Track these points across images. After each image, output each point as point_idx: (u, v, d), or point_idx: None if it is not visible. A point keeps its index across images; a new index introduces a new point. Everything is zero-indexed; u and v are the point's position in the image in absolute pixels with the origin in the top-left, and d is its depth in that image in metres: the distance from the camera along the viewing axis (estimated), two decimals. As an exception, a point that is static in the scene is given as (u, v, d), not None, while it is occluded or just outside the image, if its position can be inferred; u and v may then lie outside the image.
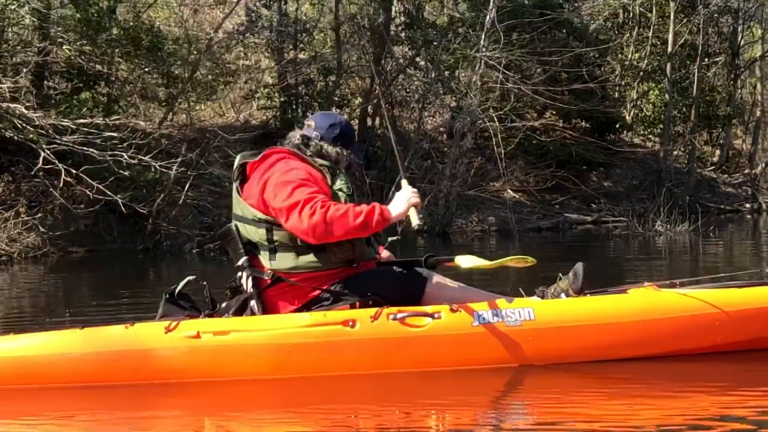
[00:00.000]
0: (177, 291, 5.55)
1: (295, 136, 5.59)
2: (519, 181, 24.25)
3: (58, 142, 14.05)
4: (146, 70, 16.85)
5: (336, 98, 24.15)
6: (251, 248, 5.40)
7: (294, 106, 24.15)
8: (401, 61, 24.03)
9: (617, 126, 26.13)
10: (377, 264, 5.63)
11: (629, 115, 27.54)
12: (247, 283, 5.41)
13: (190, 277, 5.63)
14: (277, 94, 24.37)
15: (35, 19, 15.32)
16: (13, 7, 14.50)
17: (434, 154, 22.55)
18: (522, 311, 5.31)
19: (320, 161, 5.48)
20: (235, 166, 5.53)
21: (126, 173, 14.74)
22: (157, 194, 15.83)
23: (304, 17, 24.69)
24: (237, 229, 5.40)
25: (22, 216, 15.73)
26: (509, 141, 22.35)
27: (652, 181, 25.03)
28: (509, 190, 23.68)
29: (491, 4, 19.36)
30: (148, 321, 5.41)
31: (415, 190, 5.42)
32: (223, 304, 5.44)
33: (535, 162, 24.01)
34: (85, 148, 14.10)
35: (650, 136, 28.15)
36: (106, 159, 14.25)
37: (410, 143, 22.13)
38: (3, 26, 15.57)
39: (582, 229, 21.94)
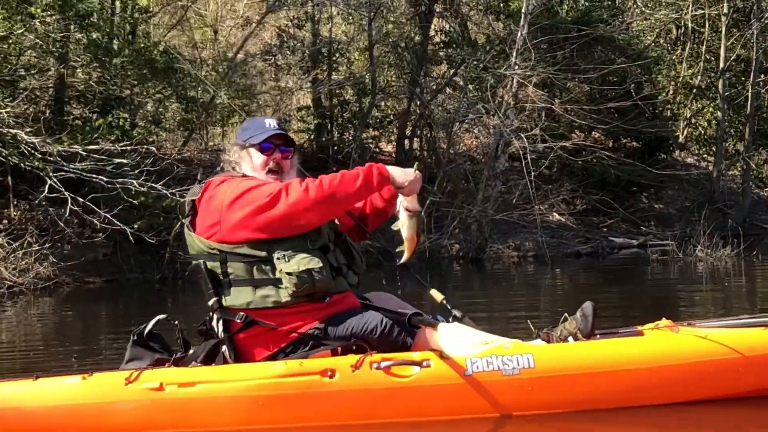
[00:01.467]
0: (146, 331, 5.25)
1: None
2: (565, 204, 23.79)
3: (66, 169, 13.85)
4: (165, 93, 16.65)
5: (372, 120, 23.90)
6: (218, 285, 5.08)
7: (329, 128, 23.96)
8: (439, 80, 23.71)
9: (669, 145, 25.56)
10: (361, 300, 5.29)
11: (682, 134, 27.00)
12: (217, 326, 5.08)
13: (161, 316, 5.32)
14: (311, 117, 24.11)
15: (41, 42, 15.19)
16: (20, 31, 14.36)
17: (469, 177, 22.17)
18: (521, 358, 4.93)
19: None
20: (186, 204, 5.22)
21: (137, 201, 14.53)
22: (174, 221, 15.58)
23: (338, 37, 24.49)
24: (204, 264, 5.07)
25: (34, 246, 15.57)
26: (551, 162, 21.93)
27: (702, 202, 24.47)
28: (555, 214, 23.24)
29: (522, 20, 18.97)
30: (110, 370, 5.11)
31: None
32: (191, 351, 5.12)
33: (581, 184, 23.54)
34: (93, 176, 13.90)
35: (705, 155, 27.60)
36: (115, 187, 14.03)
37: (442, 165, 21.78)
38: (8, 51, 15.47)
39: (626, 253, 21.42)
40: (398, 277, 5.42)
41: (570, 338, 5.21)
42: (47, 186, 14.20)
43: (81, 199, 14.44)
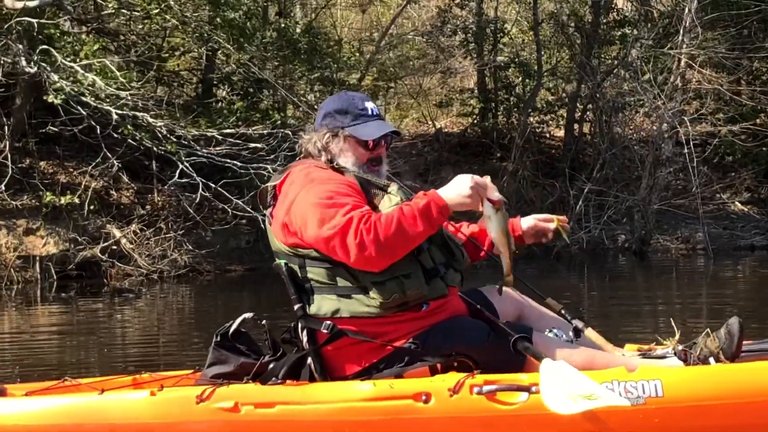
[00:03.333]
0: (231, 332, 4.83)
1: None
2: (747, 192, 22.56)
3: (199, 153, 13.70)
4: (309, 76, 16.36)
5: (539, 104, 23.25)
6: (301, 291, 4.64)
7: (494, 112, 23.39)
8: (610, 61, 22.83)
9: None
10: (468, 306, 4.78)
11: None
12: (301, 336, 4.64)
13: (247, 315, 4.89)
14: (474, 100, 23.63)
15: (178, 23, 15.08)
16: (155, 11, 14.27)
17: (637, 163, 21.26)
18: (647, 385, 4.32)
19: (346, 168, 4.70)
20: (267, 192, 4.79)
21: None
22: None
23: (502, 16, 23.93)
24: (286, 265, 4.62)
25: (172, 232, 15.55)
26: (729, 148, 20.87)
27: None
28: (737, 202, 22.08)
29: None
30: (184, 384, 4.74)
31: (484, 182, 4.46)
32: (271, 365, 4.68)
33: (763, 170, 22.29)
34: (226, 160, 13.73)
35: None
36: (249, 172, 13.83)
37: (603, 151, 20.92)
38: (149, 32, 15.42)
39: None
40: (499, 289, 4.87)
41: (711, 359, 4.58)
42: (178, 171, 14.11)
43: (213, 185, 14.31)
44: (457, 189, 4.39)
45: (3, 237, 15.75)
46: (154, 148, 13.96)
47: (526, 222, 5.02)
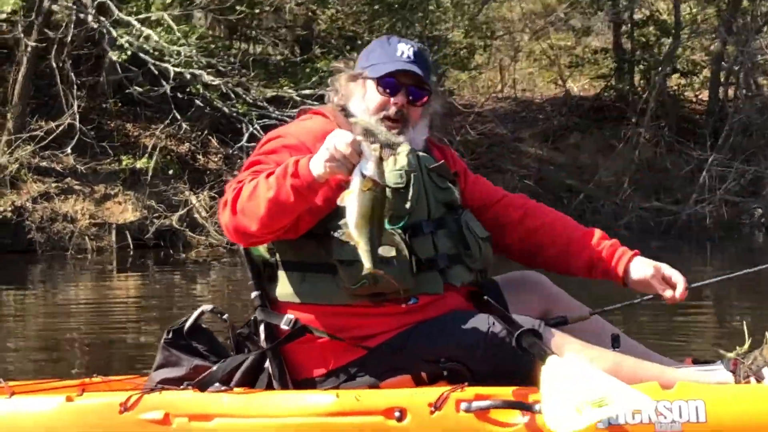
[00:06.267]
0: (186, 328, 4.11)
1: None
2: None
3: (273, 116, 13.03)
4: (399, 32, 15.55)
5: (681, 65, 22.05)
6: (260, 273, 3.93)
7: (629, 74, 22.26)
8: (759, 17, 21.45)
9: None
10: (477, 301, 3.92)
11: None
12: (258, 331, 3.89)
13: (205, 307, 4.17)
14: (608, 61, 22.90)
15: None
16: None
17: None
18: (685, 406, 3.44)
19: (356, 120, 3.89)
20: None
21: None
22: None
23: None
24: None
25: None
26: None
27: None
28: None
29: None
30: (106, 388, 4.13)
31: (358, 145, 3.44)
32: (223, 362, 3.92)
33: None
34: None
35: None
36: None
37: (729, 117, 19.60)
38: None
39: None
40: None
41: (765, 369, 3.66)
42: (247, 134, 13.53)
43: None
44: (323, 148, 3.45)
45: (79, 203, 15.44)
46: (225, 109, 13.35)
47: (642, 269, 3.96)
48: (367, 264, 3.40)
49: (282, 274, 3.81)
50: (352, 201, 3.39)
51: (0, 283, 12.97)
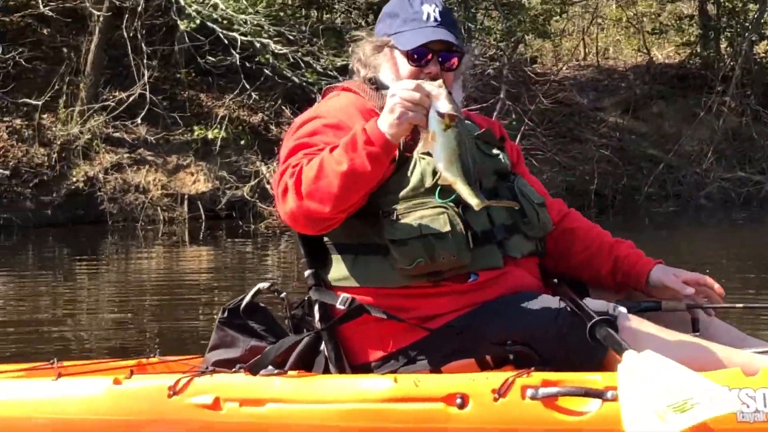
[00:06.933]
0: (243, 306, 3.94)
1: None
2: None
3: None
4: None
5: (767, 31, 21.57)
6: (313, 252, 3.74)
7: (714, 42, 21.90)
8: None
9: None
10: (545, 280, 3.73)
11: None
12: (312, 312, 3.72)
13: (262, 285, 3.98)
14: (693, 28, 22.48)
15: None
16: None
17: None
18: (770, 395, 3.19)
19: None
20: None
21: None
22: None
23: None
24: None
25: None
26: None
27: None
28: None
29: None
30: (164, 369, 3.97)
31: (426, 88, 3.26)
32: (276, 344, 3.74)
33: None
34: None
35: None
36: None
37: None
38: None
39: None
40: None
41: None
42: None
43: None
44: (388, 106, 3.28)
45: (151, 174, 15.42)
46: (295, 78, 13.18)
47: (664, 271, 3.76)
48: (472, 201, 3.24)
49: (333, 257, 3.65)
50: (438, 143, 3.23)
51: (72, 254, 13.03)
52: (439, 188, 3.47)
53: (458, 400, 3.34)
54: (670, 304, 3.72)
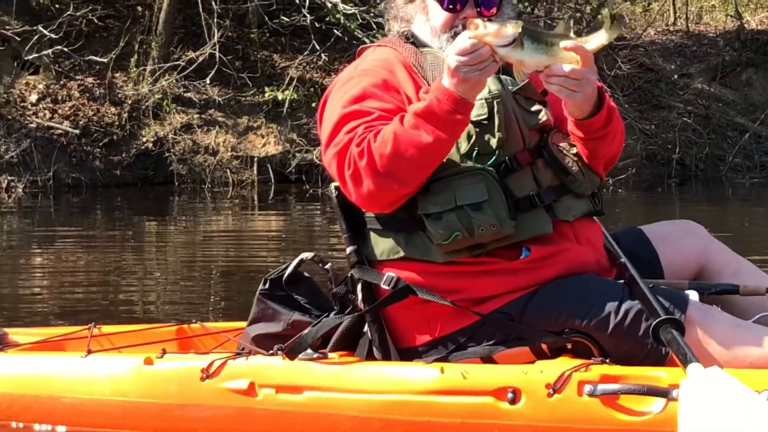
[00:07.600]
0: (285, 277, 3.74)
1: None
2: None
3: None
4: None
5: None
6: (355, 227, 3.50)
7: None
8: None
9: None
10: (608, 256, 3.47)
11: None
12: (356, 290, 3.48)
13: (305, 255, 3.77)
14: None
15: None
16: None
17: None
18: None
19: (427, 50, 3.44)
20: None
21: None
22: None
23: None
24: (338, 190, 3.47)
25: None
26: None
27: None
28: None
29: None
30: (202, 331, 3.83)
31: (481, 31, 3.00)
32: (315, 325, 3.52)
33: None
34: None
35: None
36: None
37: None
38: None
39: None
40: None
41: None
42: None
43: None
44: (452, 70, 3.06)
45: (221, 135, 15.27)
46: (366, 40, 12.90)
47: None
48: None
49: (375, 233, 3.41)
50: (520, 55, 3.04)
51: (141, 214, 12.98)
52: (476, 152, 3.23)
53: (509, 395, 3.13)
54: (749, 287, 3.44)
